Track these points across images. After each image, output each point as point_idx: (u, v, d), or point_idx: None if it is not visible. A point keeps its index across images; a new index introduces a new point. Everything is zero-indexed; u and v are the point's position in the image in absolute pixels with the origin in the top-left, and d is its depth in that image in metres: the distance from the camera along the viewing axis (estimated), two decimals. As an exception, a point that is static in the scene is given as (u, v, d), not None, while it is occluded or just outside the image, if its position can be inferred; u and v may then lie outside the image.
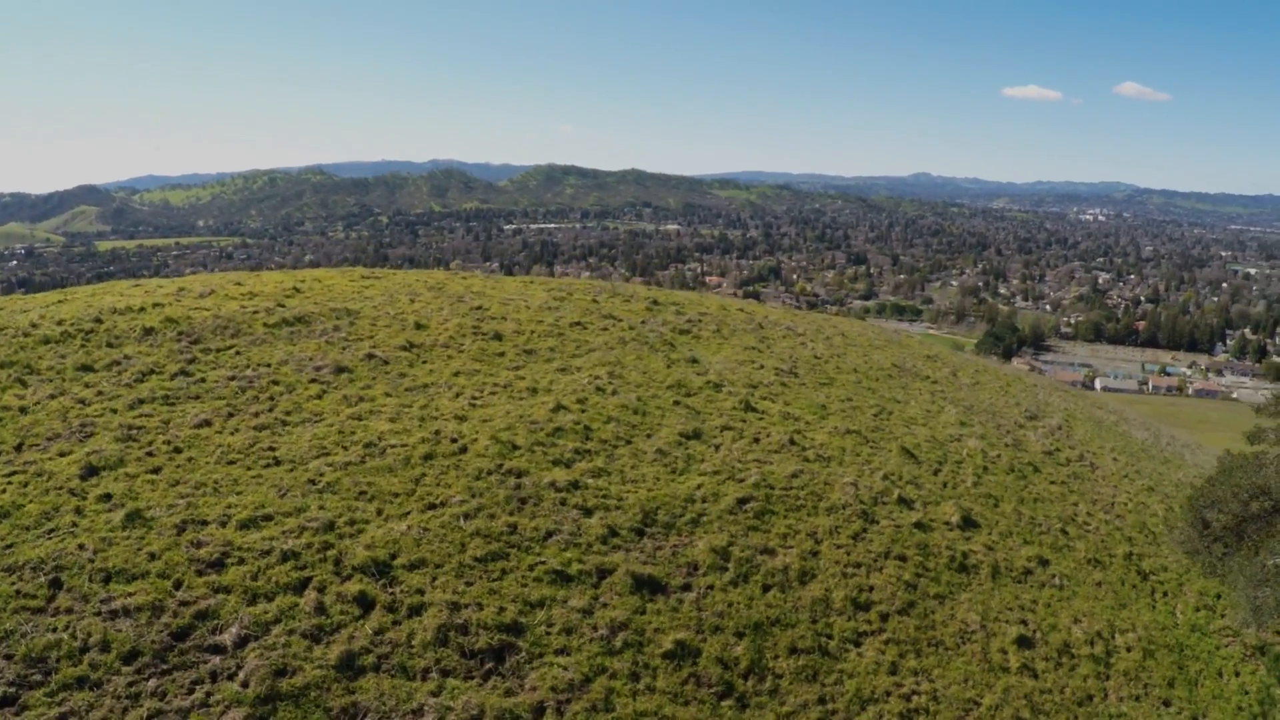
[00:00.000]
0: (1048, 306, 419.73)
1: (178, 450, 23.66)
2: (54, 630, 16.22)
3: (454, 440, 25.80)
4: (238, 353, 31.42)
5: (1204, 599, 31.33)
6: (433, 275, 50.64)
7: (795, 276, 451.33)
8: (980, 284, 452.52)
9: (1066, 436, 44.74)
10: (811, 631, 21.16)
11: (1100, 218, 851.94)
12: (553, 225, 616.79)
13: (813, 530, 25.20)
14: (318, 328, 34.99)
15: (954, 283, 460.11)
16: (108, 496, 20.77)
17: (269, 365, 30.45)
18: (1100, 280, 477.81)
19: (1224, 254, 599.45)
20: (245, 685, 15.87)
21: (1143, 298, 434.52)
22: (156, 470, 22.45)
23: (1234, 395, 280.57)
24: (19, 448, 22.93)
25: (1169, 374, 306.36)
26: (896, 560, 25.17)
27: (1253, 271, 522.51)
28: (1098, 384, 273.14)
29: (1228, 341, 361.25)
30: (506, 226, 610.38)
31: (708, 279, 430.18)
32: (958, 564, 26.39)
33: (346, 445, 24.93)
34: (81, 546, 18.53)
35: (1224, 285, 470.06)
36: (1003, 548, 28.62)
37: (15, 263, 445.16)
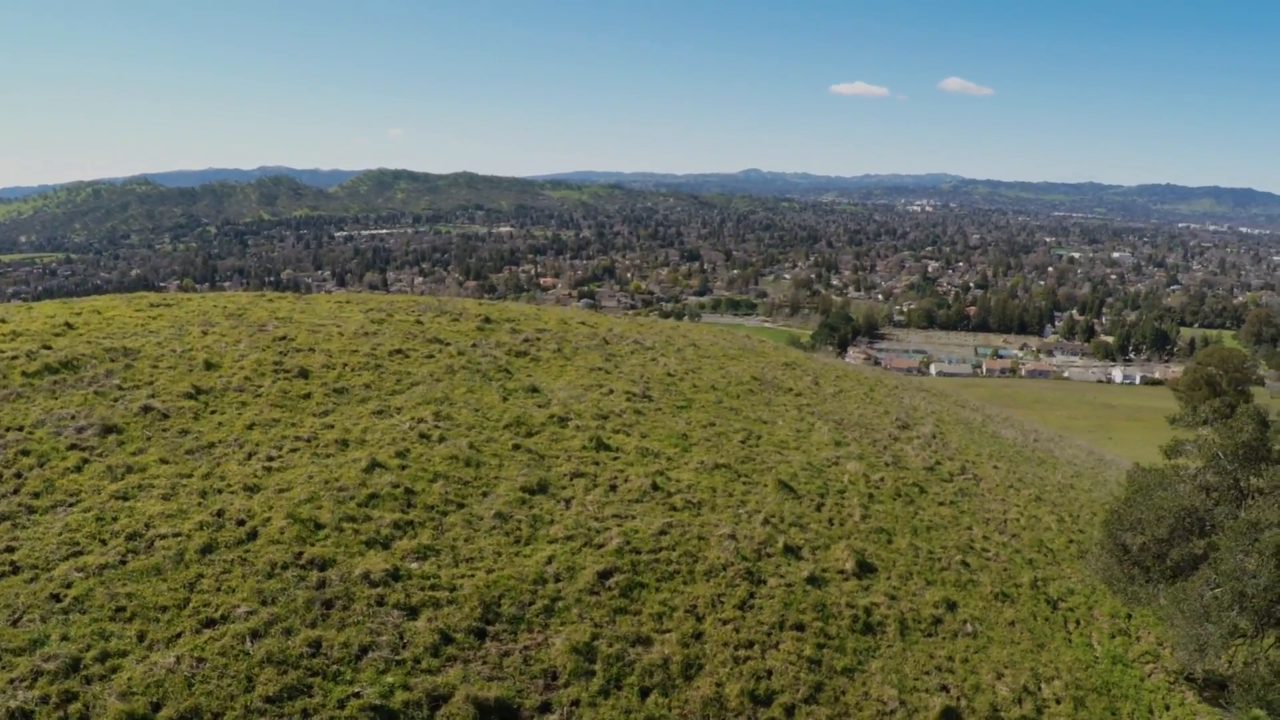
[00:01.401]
0: (880, 296, 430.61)
1: (-116, 563, 18.26)
2: None
3: (241, 522, 20.89)
4: (-17, 414, 25.64)
5: (1116, 622, 29.08)
6: (234, 299, 44.68)
7: (630, 275, 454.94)
8: (813, 276, 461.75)
9: (943, 446, 42.21)
10: (707, 746, 17.22)
11: (928, 208, 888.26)
12: (385, 231, 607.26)
13: (692, 604, 21.30)
14: (87, 374, 29.09)
15: (787, 276, 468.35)
16: None
17: (21, 429, 24.68)
18: (930, 268, 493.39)
19: (1048, 239, 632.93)
20: None
21: (972, 284, 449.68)
22: None
23: (1065, 374, 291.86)
24: None
25: (1002, 356, 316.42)
26: (794, 631, 21.50)
27: (1076, 255, 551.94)
28: (933, 369, 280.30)
29: (1056, 323, 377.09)
30: (338, 234, 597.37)
31: (543, 280, 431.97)
32: (862, 624, 22.96)
33: (105, 538, 19.78)
34: None
35: (1050, 269, 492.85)
36: (906, 594, 25.36)
37: None
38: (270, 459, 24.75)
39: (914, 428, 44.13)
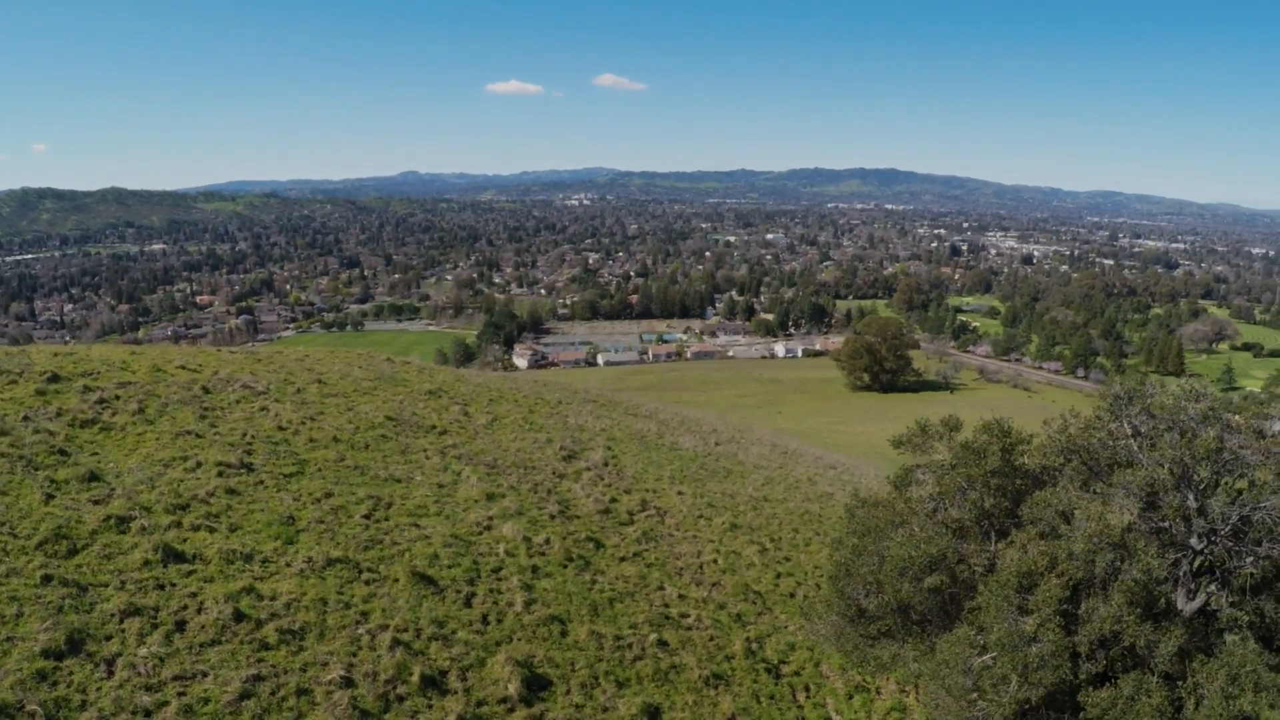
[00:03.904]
0: (543, 290, 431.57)
1: None
2: None
3: None
4: None
5: (849, 676, 24.78)
6: None
7: (289, 287, 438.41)
8: (475, 275, 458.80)
9: (618, 475, 36.86)
10: None
11: (586, 202, 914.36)
12: (30, 255, 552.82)
13: (273, 825, 14.24)
14: None
15: (449, 277, 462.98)
16: None
17: None
18: (591, 260, 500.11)
19: (705, 225, 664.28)
20: None
21: (633, 273, 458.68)
22: None
23: (730, 353, 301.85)
24: None
25: (667, 341, 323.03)
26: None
27: (732, 239, 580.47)
28: (600, 359, 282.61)
29: (717, 305, 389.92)
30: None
31: (200, 298, 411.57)
32: (533, 785, 16.60)
33: None
34: None
35: (708, 254, 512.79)
36: (593, 711, 19.38)
37: None
38: None
39: (582, 455, 38.53)
